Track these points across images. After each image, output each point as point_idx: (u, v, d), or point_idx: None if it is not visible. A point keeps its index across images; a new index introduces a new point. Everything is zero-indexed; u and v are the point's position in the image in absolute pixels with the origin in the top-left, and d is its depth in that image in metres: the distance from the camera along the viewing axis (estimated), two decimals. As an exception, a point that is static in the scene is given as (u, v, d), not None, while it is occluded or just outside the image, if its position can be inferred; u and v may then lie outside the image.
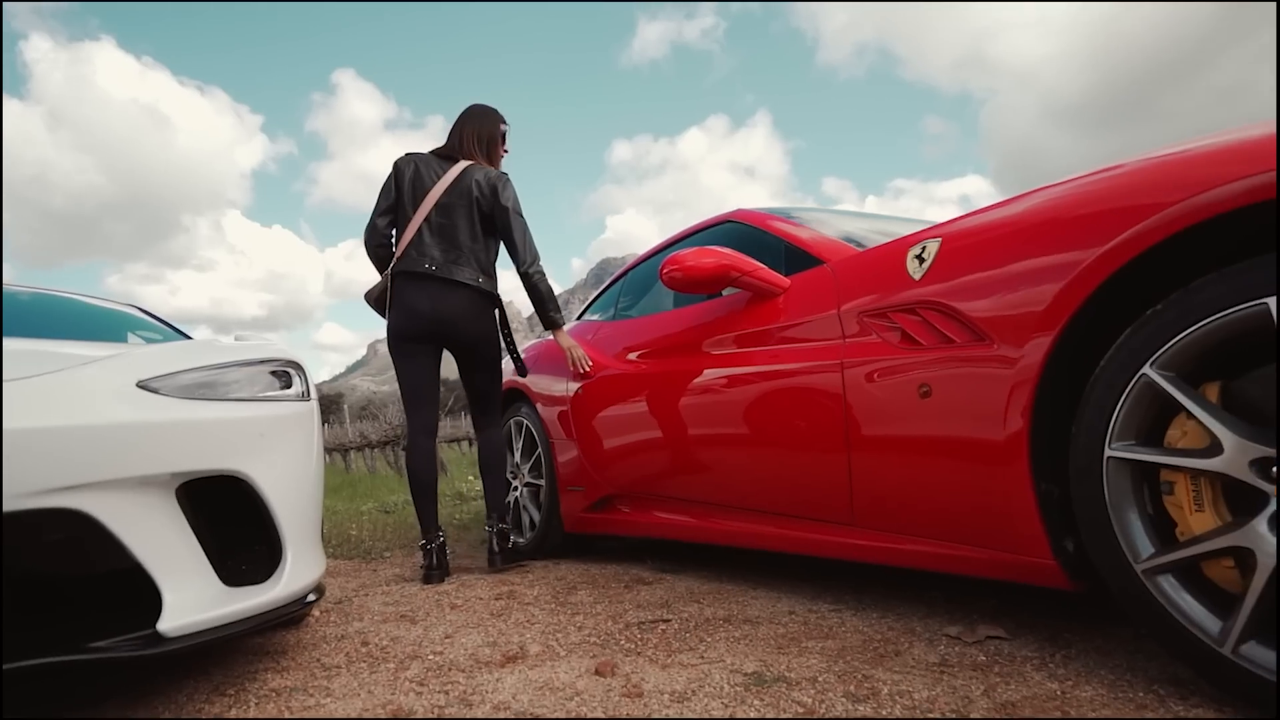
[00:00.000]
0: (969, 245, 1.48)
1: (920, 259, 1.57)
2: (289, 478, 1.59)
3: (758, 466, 1.98)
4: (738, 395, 2.03)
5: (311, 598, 1.65)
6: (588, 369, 2.73)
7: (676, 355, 2.35)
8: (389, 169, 2.70)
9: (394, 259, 2.63)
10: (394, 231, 2.67)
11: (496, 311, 2.70)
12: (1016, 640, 1.47)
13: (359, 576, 2.80)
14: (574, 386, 2.82)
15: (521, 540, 2.88)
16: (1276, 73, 1.23)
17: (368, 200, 2.76)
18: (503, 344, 2.76)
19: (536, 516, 3.08)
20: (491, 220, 2.63)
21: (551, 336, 2.89)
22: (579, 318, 3.29)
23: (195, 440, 1.37)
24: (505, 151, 2.80)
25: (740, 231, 2.39)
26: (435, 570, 2.53)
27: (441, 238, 2.57)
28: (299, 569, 1.57)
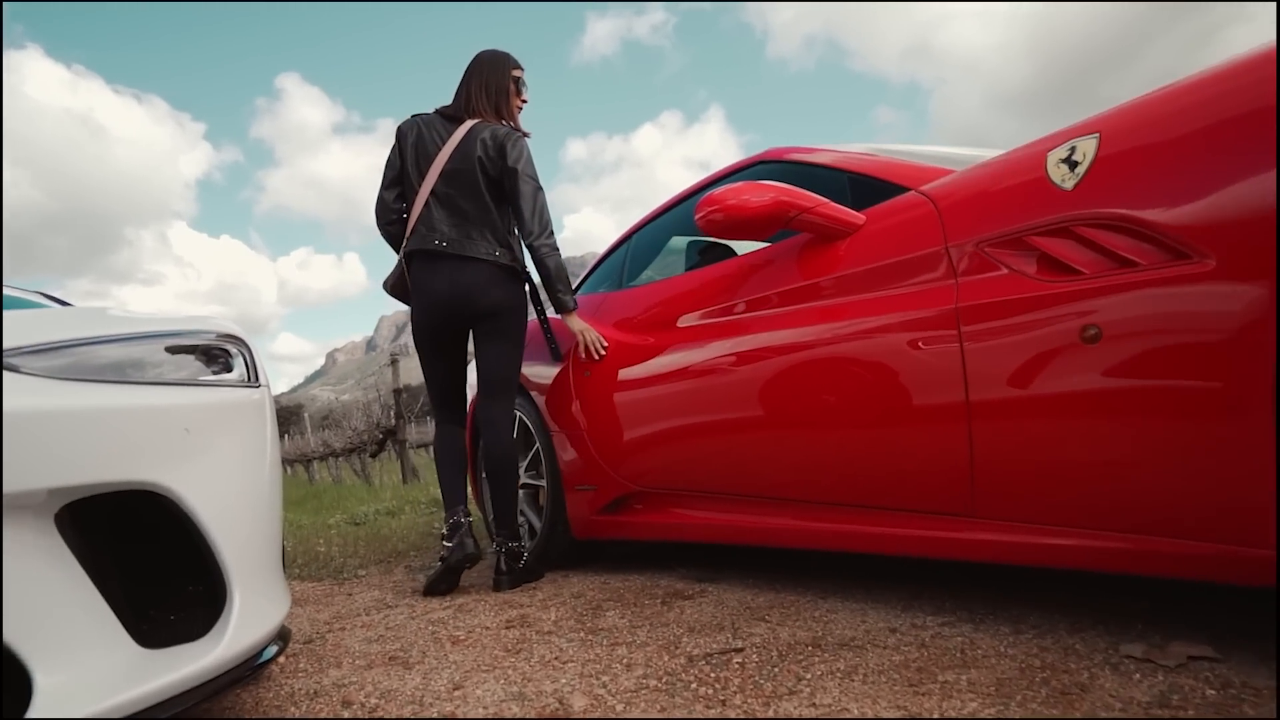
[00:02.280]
0: (1151, 136, 1.11)
1: (1070, 163, 1.20)
2: (232, 489, 1.16)
3: (834, 449, 1.59)
4: (804, 361, 1.64)
5: (271, 651, 1.22)
6: (603, 354, 2.31)
7: (715, 319, 1.95)
8: (334, 172, 2.36)
9: (405, 238, 2.33)
10: (405, 205, 2.38)
11: (526, 287, 2.39)
12: (1230, 661, 1.10)
13: (331, 604, 2.35)
14: (581, 369, 2.41)
15: (526, 554, 2.44)
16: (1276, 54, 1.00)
17: (319, 207, 2.41)
18: (530, 322, 2.47)
19: (537, 522, 2.66)
20: (502, 185, 2.28)
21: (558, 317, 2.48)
22: (574, 292, 2.86)
23: (84, 440, 0.94)
24: (523, 103, 2.42)
25: (780, 172, 2.00)
26: (458, 559, 2.22)
27: (451, 210, 2.28)
28: (252, 614, 1.15)
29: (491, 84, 2.34)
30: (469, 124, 2.31)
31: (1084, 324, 1.14)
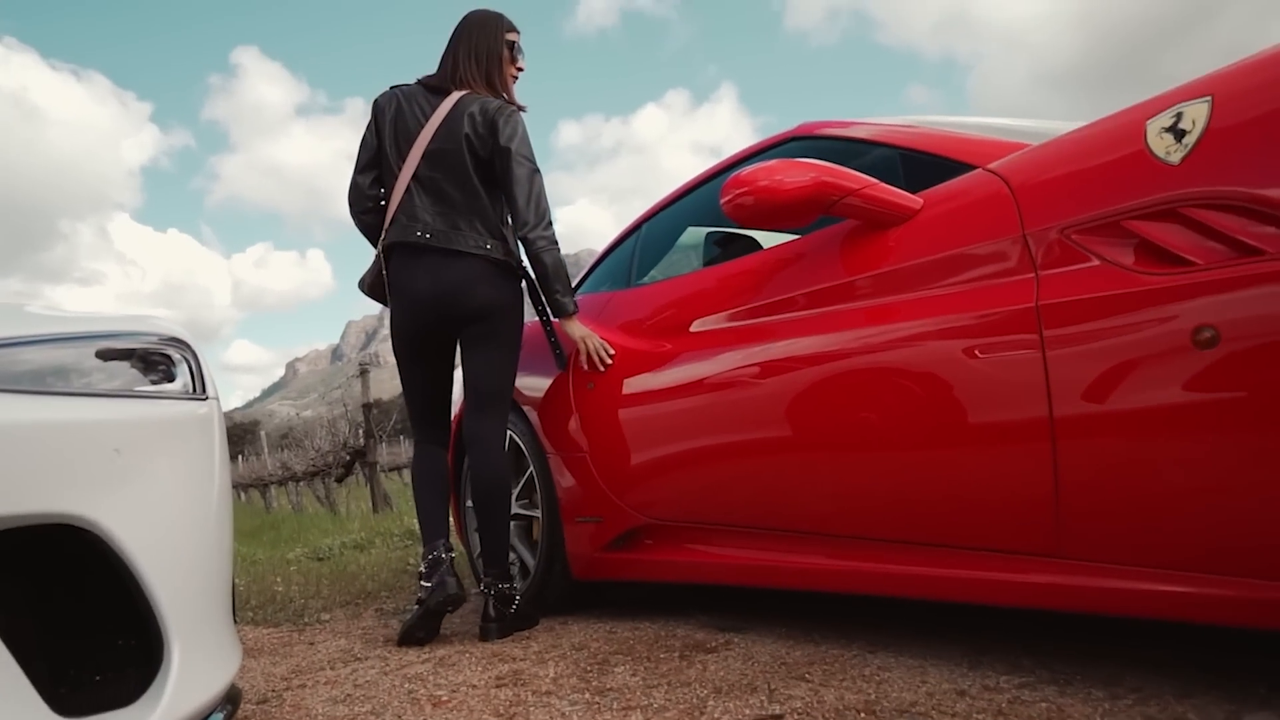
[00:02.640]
0: (1277, 98, 1.05)
1: (1176, 133, 1.14)
2: (171, 522, 1.10)
3: (884, 475, 1.53)
4: (848, 371, 1.58)
5: (218, 719, 1.15)
6: (609, 363, 2.26)
7: (742, 322, 1.89)
8: (296, 158, 2.34)
9: (383, 229, 2.31)
10: (383, 192, 2.35)
11: (523, 284, 2.37)
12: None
13: (290, 654, 2.29)
14: (583, 381, 2.35)
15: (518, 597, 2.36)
16: None
17: (278, 198, 2.42)
18: (527, 325, 2.43)
19: (530, 559, 2.59)
20: (493, 167, 2.25)
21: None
22: (574, 292, 2.80)
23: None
24: (519, 71, 2.39)
25: (814, 150, 1.94)
26: (438, 602, 2.15)
27: (436, 197, 2.25)
28: (194, 673, 1.09)
29: (481, 49, 2.30)
30: (456, 96, 2.27)
31: (1196, 325, 1.08)
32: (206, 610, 1.16)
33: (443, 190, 2.24)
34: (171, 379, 1.22)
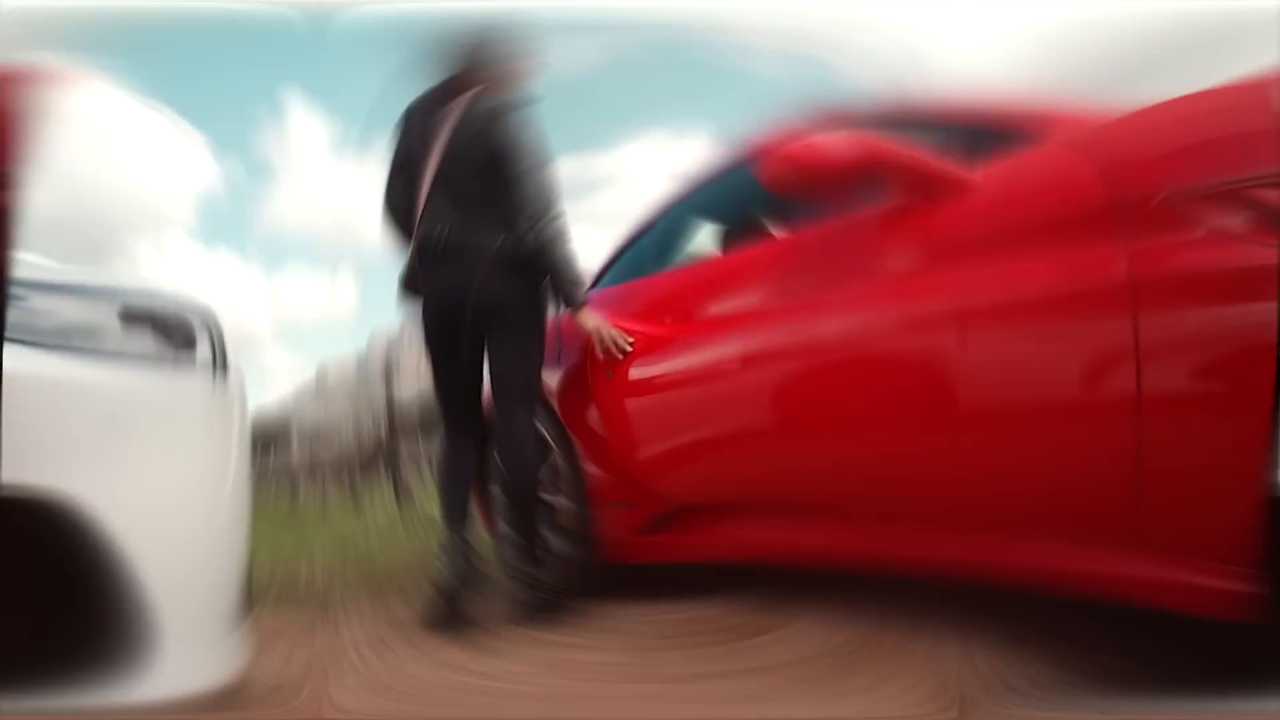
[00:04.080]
0: None
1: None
2: (173, 508, 0.98)
3: (939, 455, 1.43)
4: (902, 350, 1.49)
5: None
6: (628, 351, 2.20)
7: (781, 302, 1.81)
8: (333, 187, 2.32)
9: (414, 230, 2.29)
10: (414, 194, 2.31)
11: (544, 280, 2.26)
12: None
13: (313, 640, 2.18)
14: (601, 369, 2.29)
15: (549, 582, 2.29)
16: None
17: (319, 225, 2.13)
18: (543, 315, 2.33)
19: (560, 544, 2.50)
20: (499, 165, 2.19)
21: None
22: (594, 285, 2.72)
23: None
24: (530, 65, 2.31)
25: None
26: (458, 584, 2.08)
27: (454, 196, 2.21)
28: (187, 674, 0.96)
29: (488, 45, 2.25)
30: (468, 95, 2.23)
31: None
32: (207, 608, 1.04)
33: (461, 189, 2.21)
34: (190, 347, 1.11)
